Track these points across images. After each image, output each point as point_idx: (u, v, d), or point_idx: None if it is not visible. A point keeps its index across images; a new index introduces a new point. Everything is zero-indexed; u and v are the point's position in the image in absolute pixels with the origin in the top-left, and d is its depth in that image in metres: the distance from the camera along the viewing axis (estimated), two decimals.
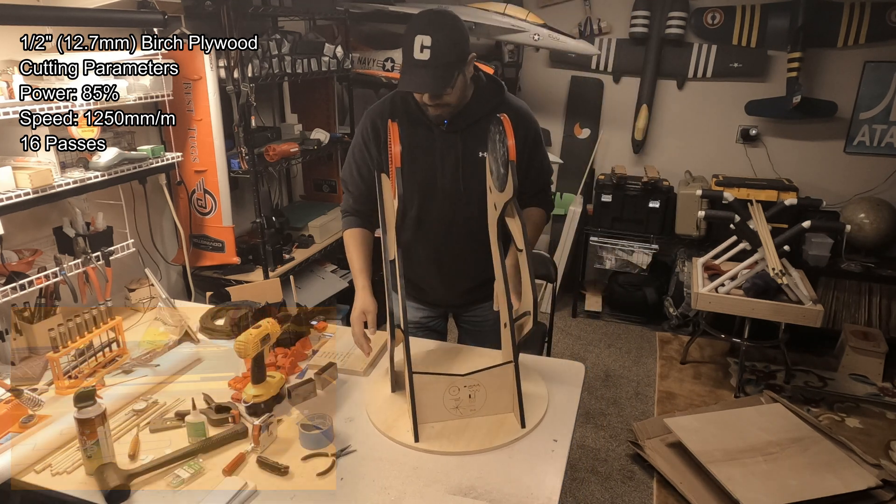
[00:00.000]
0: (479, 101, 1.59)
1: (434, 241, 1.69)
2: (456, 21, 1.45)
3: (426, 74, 1.42)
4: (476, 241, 1.59)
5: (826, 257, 3.38)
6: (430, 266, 1.74)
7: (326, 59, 2.93)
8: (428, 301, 1.85)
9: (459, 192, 1.62)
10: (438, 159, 1.60)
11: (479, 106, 1.59)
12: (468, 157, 1.59)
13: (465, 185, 1.61)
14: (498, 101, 1.61)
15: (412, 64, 1.42)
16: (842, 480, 2.22)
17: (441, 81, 1.43)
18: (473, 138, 1.58)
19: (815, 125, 3.64)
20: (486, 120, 1.56)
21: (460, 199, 1.62)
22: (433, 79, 1.43)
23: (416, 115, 1.60)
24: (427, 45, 1.39)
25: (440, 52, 1.40)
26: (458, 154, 1.59)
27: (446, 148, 1.59)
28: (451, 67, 1.43)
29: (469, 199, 1.61)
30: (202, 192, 2.52)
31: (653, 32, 3.69)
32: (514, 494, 1.18)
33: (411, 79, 1.44)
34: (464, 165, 1.59)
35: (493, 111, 1.56)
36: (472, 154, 1.59)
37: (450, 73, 1.43)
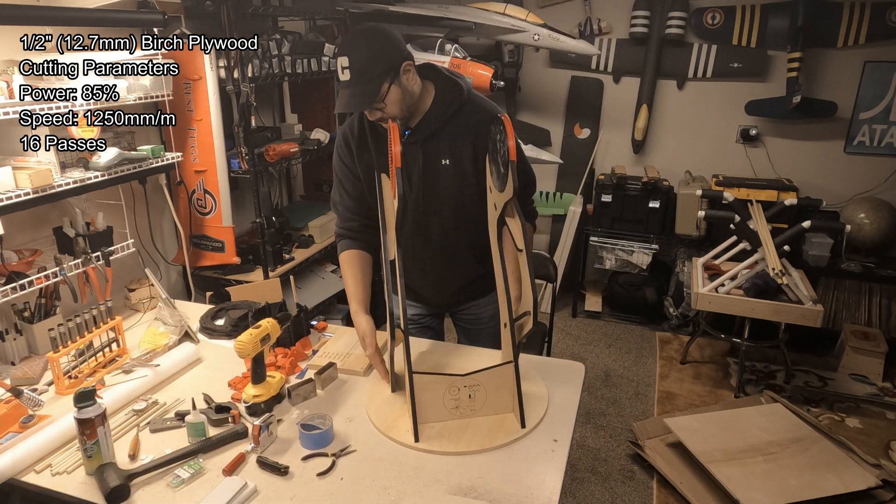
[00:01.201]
0: (439, 107, 1.56)
1: (414, 251, 1.69)
2: (376, 34, 1.45)
3: (351, 94, 1.43)
4: (455, 245, 1.60)
5: (826, 257, 3.38)
6: (415, 273, 1.75)
7: (326, 59, 2.93)
8: (421, 300, 1.86)
9: (426, 203, 1.60)
10: (405, 171, 1.57)
11: (439, 112, 1.55)
12: (430, 167, 1.57)
13: (428, 195, 1.59)
14: (458, 104, 1.56)
15: (341, 85, 1.45)
16: (842, 480, 2.22)
17: (366, 98, 1.43)
18: (434, 147, 1.56)
19: (815, 125, 3.64)
20: (449, 126, 1.55)
21: (428, 209, 1.61)
22: (357, 97, 1.43)
23: (382, 129, 1.58)
24: (345, 65, 1.41)
25: (359, 70, 1.41)
26: (419, 163, 1.57)
27: (410, 160, 1.57)
28: (375, 82, 1.42)
29: (437, 208, 1.60)
30: (202, 192, 2.52)
31: (653, 32, 3.69)
32: (514, 494, 1.18)
33: (340, 100, 1.46)
34: (425, 174, 1.57)
35: (454, 116, 1.55)
36: (434, 163, 1.57)
37: (376, 87, 1.42)
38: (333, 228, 3.14)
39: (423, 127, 1.56)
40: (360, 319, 1.59)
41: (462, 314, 1.88)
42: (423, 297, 1.84)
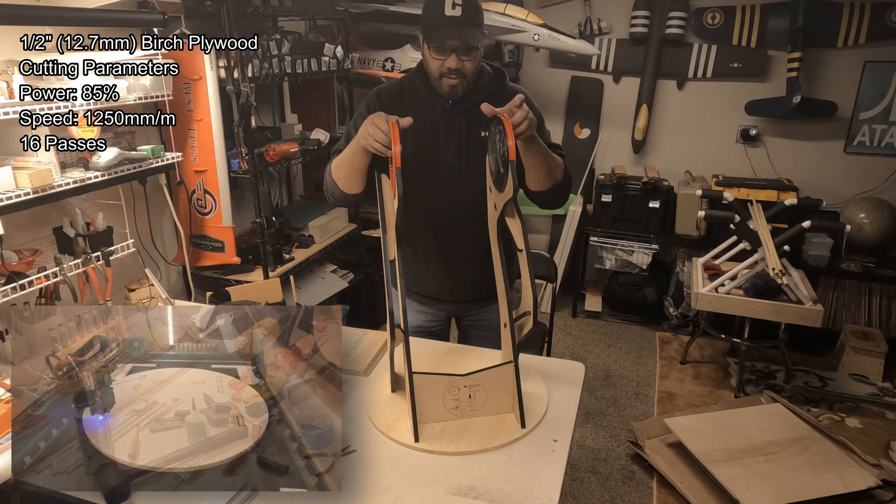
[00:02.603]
0: (484, 84, 1.63)
1: (438, 220, 1.68)
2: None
3: (459, 29, 1.47)
4: (479, 222, 1.58)
5: (826, 257, 3.38)
6: (432, 251, 1.72)
7: (326, 59, 2.93)
8: (431, 297, 1.82)
9: (462, 170, 1.63)
10: (442, 137, 1.62)
11: (484, 88, 1.63)
12: (472, 135, 1.62)
13: (467, 161, 1.63)
14: (501, 85, 1.65)
15: (443, 21, 1.47)
16: (842, 480, 2.22)
17: (473, 35, 1.49)
18: (476, 118, 1.59)
19: (815, 125, 3.64)
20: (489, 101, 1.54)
21: (462, 176, 1.64)
22: (466, 33, 1.48)
23: (424, 94, 1.63)
24: (458, 2, 1.45)
25: (471, 9, 1.47)
26: (461, 131, 1.62)
27: (450, 126, 1.62)
28: (479, 28, 1.50)
29: (471, 178, 1.62)
30: (202, 192, 2.52)
31: (653, 32, 3.69)
32: (514, 494, 1.18)
33: (444, 32, 1.48)
34: (467, 142, 1.62)
35: (496, 94, 1.60)
36: (475, 132, 1.61)
37: (479, 32, 1.50)
38: (333, 228, 3.19)
39: (467, 98, 1.60)
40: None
41: (470, 319, 1.86)
42: (431, 292, 1.81)
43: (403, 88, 1.66)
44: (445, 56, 1.51)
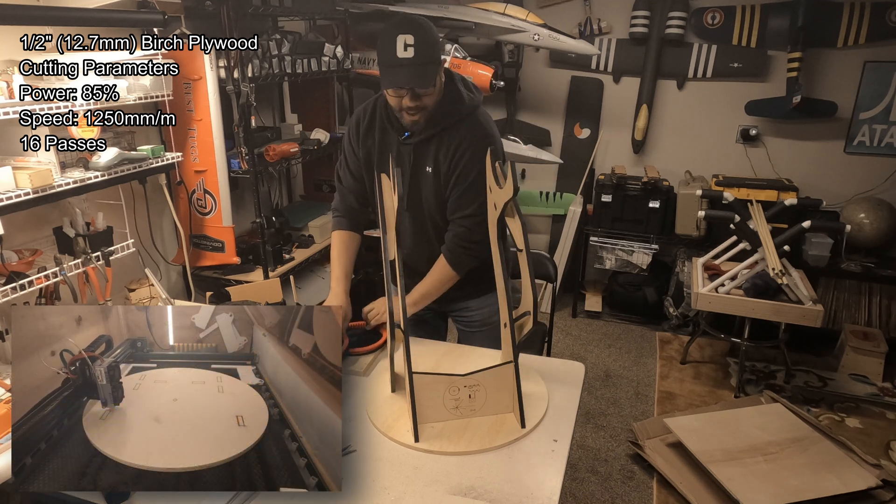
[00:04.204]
0: (439, 114, 1.58)
1: (404, 247, 1.73)
2: (431, 25, 1.49)
3: (411, 71, 1.44)
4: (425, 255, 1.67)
5: (826, 257, 3.38)
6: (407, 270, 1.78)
7: (326, 59, 2.93)
8: None
9: (404, 200, 1.66)
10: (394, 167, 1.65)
11: (438, 120, 1.58)
12: (416, 171, 1.63)
13: (410, 198, 1.65)
14: (455, 118, 1.58)
15: (395, 63, 1.44)
16: (842, 480, 2.22)
17: (426, 78, 1.46)
18: (423, 152, 1.61)
19: (815, 125, 3.64)
20: (443, 134, 1.58)
21: (411, 207, 1.67)
22: (418, 75, 1.45)
23: (386, 123, 1.65)
24: (410, 43, 1.42)
25: (423, 49, 1.43)
26: (409, 166, 1.63)
27: (401, 158, 1.63)
28: (435, 65, 1.48)
29: (418, 210, 1.67)
30: (202, 192, 2.52)
31: (653, 32, 3.69)
32: (514, 494, 1.18)
33: (396, 76, 1.46)
34: (411, 176, 1.63)
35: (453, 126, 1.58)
36: (421, 168, 1.62)
37: (432, 71, 1.47)
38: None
39: (421, 130, 1.59)
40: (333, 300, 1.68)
41: (456, 314, 1.90)
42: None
43: (375, 114, 1.67)
44: (402, 94, 1.50)
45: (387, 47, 1.44)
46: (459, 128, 1.58)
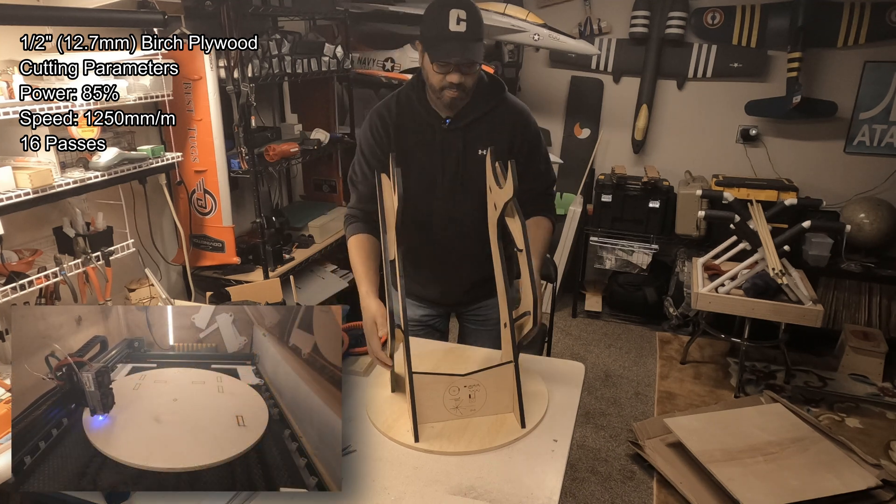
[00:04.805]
0: (481, 98, 1.62)
1: (436, 239, 1.70)
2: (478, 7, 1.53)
3: (464, 45, 1.47)
4: (477, 237, 1.59)
5: (826, 257, 3.38)
6: (433, 265, 1.75)
7: (326, 59, 2.93)
8: (430, 300, 1.85)
9: (459, 189, 1.63)
10: (439, 157, 1.62)
11: (481, 103, 1.61)
12: (469, 154, 1.61)
13: (464, 181, 1.63)
14: (498, 99, 1.64)
15: (448, 37, 1.46)
16: (842, 480, 2.22)
17: (477, 52, 1.49)
18: (474, 135, 1.61)
19: (815, 125, 3.64)
20: (487, 117, 1.60)
21: (460, 195, 1.64)
22: (471, 49, 1.48)
23: (420, 113, 1.62)
24: (463, 17, 1.45)
25: (474, 26, 1.47)
26: (459, 151, 1.61)
27: (447, 145, 1.61)
28: (481, 43, 1.51)
29: (469, 196, 1.63)
30: (202, 192, 2.52)
31: (653, 32, 3.69)
32: (514, 494, 1.18)
33: (449, 49, 1.48)
34: (465, 161, 1.62)
35: (493, 109, 1.61)
36: (473, 151, 1.61)
37: (481, 48, 1.51)
38: (333, 228, 3.19)
39: (464, 115, 1.60)
40: (370, 303, 1.53)
41: (470, 314, 1.88)
42: (434, 296, 1.83)
43: (402, 108, 1.64)
44: (447, 70, 1.50)
45: (438, 21, 1.46)
46: (500, 109, 1.62)
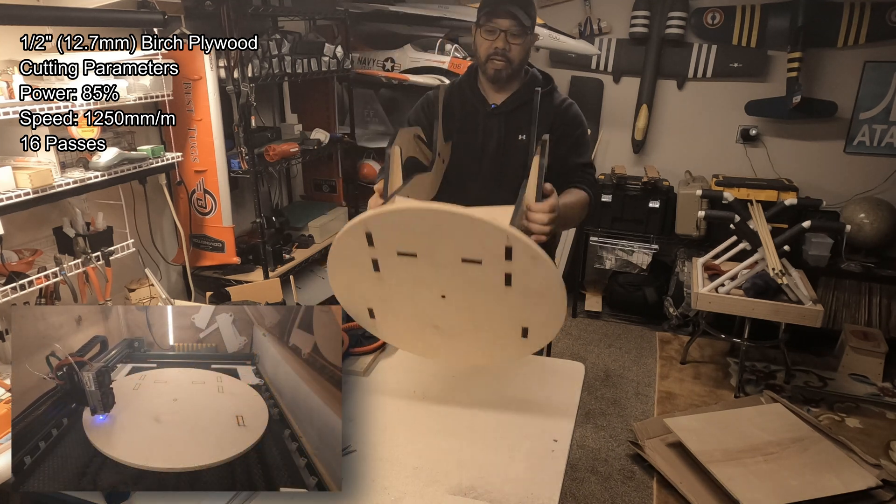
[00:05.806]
0: (527, 88, 1.67)
1: None
2: None
3: (510, 8, 1.53)
4: None
5: (826, 257, 3.38)
6: None
7: (326, 59, 2.93)
8: None
9: (498, 174, 1.67)
10: (481, 142, 1.67)
11: (526, 92, 1.66)
12: (510, 139, 1.66)
13: (503, 166, 1.67)
14: (546, 90, 1.67)
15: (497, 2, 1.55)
16: (842, 480, 2.22)
17: (523, 17, 1.55)
18: (516, 122, 1.65)
19: (815, 125, 3.64)
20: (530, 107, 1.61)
21: (498, 182, 1.67)
22: (523, 7, 1.55)
23: (468, 97, 1.69)
24: None
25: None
26: (500, 135, 1.66)
27: (489, 130, 1.66)
28: (533, 9, 1.58)
29: (507, 182, 1.65)
30: (202, 192, 2.53)
31: (653, 32, 3.69)
32: (514, 494, 1.18)
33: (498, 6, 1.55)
34: (505, 146, 1.66)
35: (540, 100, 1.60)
36: (513, 136, 1.66)
37: (533, 13, 1.58)
38: (333, 228, 3.19)
39: (510, 102, 1.66)
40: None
41: None
42: None
43: (453, 92, 1.72)
44: (494, 37, 1.57)
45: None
46: (545, 101, 1.65)
